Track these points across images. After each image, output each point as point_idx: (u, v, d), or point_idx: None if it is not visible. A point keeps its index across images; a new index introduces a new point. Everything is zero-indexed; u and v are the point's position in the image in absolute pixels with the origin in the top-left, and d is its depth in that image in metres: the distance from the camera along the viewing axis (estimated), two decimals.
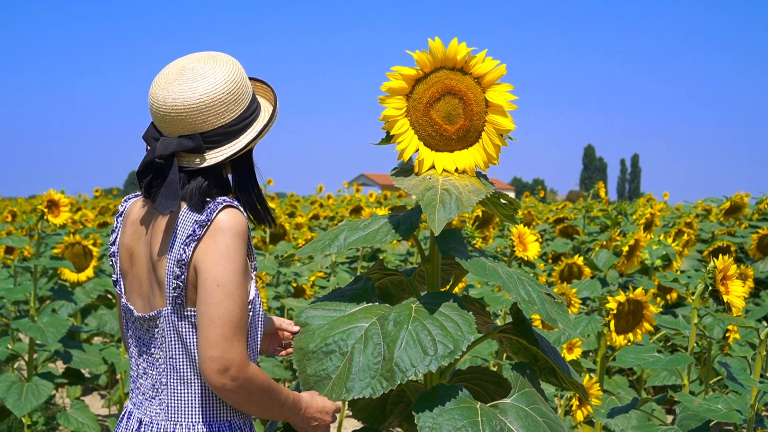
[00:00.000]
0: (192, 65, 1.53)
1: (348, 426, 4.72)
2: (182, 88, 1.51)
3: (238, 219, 1.50)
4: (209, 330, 1.44)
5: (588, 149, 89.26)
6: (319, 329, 1.65)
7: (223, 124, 1.54)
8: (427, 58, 1.67)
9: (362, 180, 53.20)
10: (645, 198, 9.96)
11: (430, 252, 1.84)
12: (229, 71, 1.55)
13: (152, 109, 1.54)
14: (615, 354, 2.93)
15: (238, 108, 1.56)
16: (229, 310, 1.45)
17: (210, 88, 1.51)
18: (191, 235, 1.48)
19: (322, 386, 1.57)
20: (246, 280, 1.51)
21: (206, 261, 1.47)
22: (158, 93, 1.52)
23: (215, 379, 1.43)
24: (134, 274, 1.62)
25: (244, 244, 1.51)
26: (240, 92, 1.56)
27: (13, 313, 4.36)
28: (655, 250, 3.83)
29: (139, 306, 1.60)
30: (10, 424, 4.37)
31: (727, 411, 2.15)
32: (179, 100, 1.50)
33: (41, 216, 3.54)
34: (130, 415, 1.63)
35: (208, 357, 1.43)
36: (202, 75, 1.52)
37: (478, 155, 1.71)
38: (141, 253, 1.60)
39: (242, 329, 1.47)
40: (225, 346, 1.43)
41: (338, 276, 4.81)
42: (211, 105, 1.51)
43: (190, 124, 1.51)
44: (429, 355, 1.53)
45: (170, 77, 1.53)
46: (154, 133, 1.57)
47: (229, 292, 1.45)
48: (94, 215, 10.10)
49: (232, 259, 1.47)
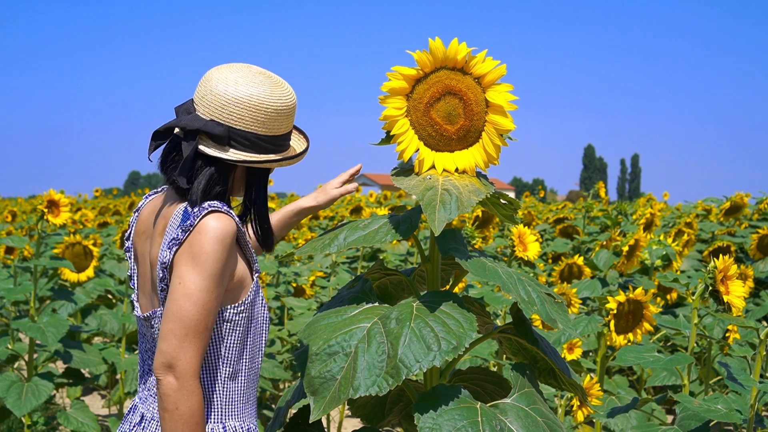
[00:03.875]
0: (267, 72, 1.60)
1: (348, 426, 4.72)
2: (244, 82, 1.55)
3: (222, 223, 1.49)
4: (163, 324, 1.45)
5: (588, 149, 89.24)
6: (320, 333, 1.65)
7: (254, 131, 1.56)
8: (428, 58, 1.67)
9: (362, 180, 53.20)
10: (645, 198, 9.95)
11: (430, 252, 1.84)
12: (287, 96, 1.60)
13: (202, 83, 1.58)
14: (615, 354, 2.93)
15: (273, 129, 1.59)
16: (183, 309, 1.44)
17: (264, 95, 1.56)
18: (174, 239, 1.49)
19: (328, 387, 1.57)
20: (219, 286, 1.48)
21: (178, 261, 1.47)
22: (217, 73, 1.56)
23: (159, 372, 1.44)
24: (141, 273, 1.64)
25: (225, 248, 1.48)
26: (283, 117, 1.60)
27: (13, 313, 4.35)
28: (655, 250, 3.83)
29: (142, 304, 1.62)
30: (10, 424, 4.37)
31: (727, 411, 2.15)
32: (231, 88, 1.54)
33: (41, 216, 3.54)
34: (134, 409, 1.65)
35: (159, 349, 1.45)
36: (275, 82, 1.58)
37: (478, 155, 1.71)
38: (146, 252, 1.62)
39: (196, 333, 1.45)
40: (173, 342, 1.44)
41: (338, 276, 4.81)
42: (254, 109, 1.54)
43: (225, 114, 1.54)
44: (433, 351, 1.54)
45: (242, 70, 1.57)
46: (189, 107, 1.60)
47: (189, 293, 1.45)
48: (94, 215, 10.10)
49: (202, 262, 1.46)
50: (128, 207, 11.80)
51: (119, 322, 4.44)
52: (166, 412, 1.44)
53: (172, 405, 1.43)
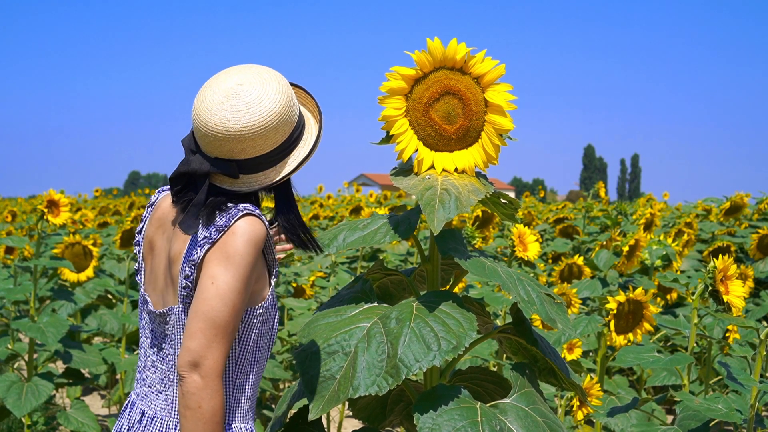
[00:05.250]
0: (239, 89, 1.50)
1: (348, 426, 4.72)
2: (226, 115, 1.49)
3: (255, 226, 1.49)
4: (192, 322, 1.45)
5: (588, 149, 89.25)
6: (320, 332, 1.65)
7: (261, 154, 1.53)
8: (427, 58, 1.67)
9: (362, 180, 53.21)
10: (645, 198, 9.96)
11: (429, 252, 1.84)
12: (274, 101, 1.51)
13: (194, 123, 1.54)
14: (615, 354, 2.93)
15: (279, 137, 1.54)
16: (215, 309, 1.44)
17: (253, 120, 1.49)
18: (207, 237, 1.48)
19: (327, 386, 1.57)
20: (247, 289, 1.49)
21: (210, 260, 1.47)
22: (202, 112, 1.51)
23: (184, 369, 1.43)
24: (153, 267, 1.63)
25: (256, 252, 1.49)
26: (282, 122, 1.53)
27: (13, 313, 4.35)
28: (655, 250, 3.83)
29: (154, 300, 1.62)
30: (10, 424, 4.38)
31: (727, 411, 2.15)
32: (220, 127, 1.49)
33: (41, 216, 3.54)
34: (133, 405, 1.64)
35: (185, 347, 1.44)
36: (247, 105, 1.49)
37: (477, 155, 1.71)
38: (161, 248, 1.61)
39: (225, 334, 1.45)
40: (202, 341, 1.43)
41: (338, 276, 4.81)
42: (251, 137, 1.50)
43: (228, 150, 1.51)
44: (432, 351, 1.54)
45: (216, 98, 1.50)
46: (192, 143, 1.57)
47: (221, 293, 1.45)
48: (94, 215, 10.10)
49: (236, 263, 1.46)
50: (128, 207, 11.81)
51: (119, 322, 4.44)
52: (188, 410, 1.43)
53: (195, 403, 1.43)
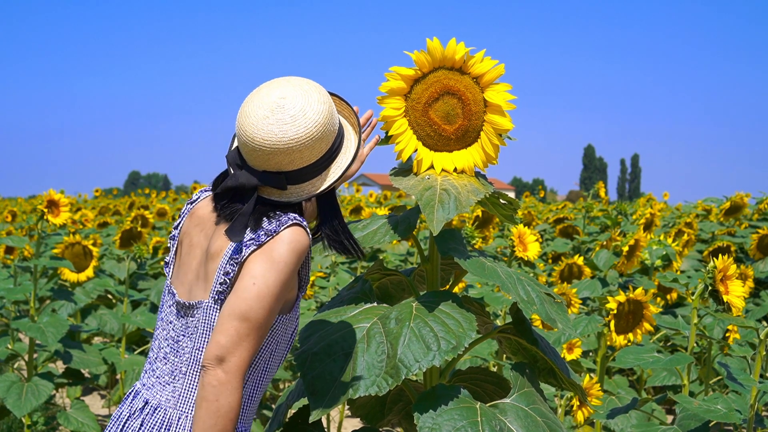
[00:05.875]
0: (283, 103, 1.52)
1: (348, 426, 4.72)
2: (273, 129, 1.51)
3: (301, 237, 1.52)
4: (226, 319, 1.46)
5: (588, 149, 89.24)
6: (320, 333, 1.65)
7: (307, 164, 1.55)
8: (426, 58, 1.67)
9: (362, 180, 53.21)
10: (645, 198, 9.96)
11: (429, 252, 1.84)
12: (317, 111, 1.54)
13: (240, 139, 1.55)
14: (615, 354, 2.93)
15: (324, 146, 1.56)
16: (253, 309, 1.46)
17: (300, 132, 1.51)
18: (254, 239, 1.51)
19: (328, 387, 1.57)
20: (283, 296, 1.51)
21: (254, 261, 1.49)
22: (247, 127, 1.52)
23: (210, 362, 1.44)
24: (185, 262, 1.65)
25: (298, 261, 1.52)
26: (326, 131, 1.55)
27: (13, 313, 4.36)
28: (655, 250, 3.83)
29: (180, 292, 1.63)
30: (10, 424, 4.38)
31: (726, 411, 2.15)
32: (268, 142, 1.51)
33: (41, 216, 3.54)
34: (137, 394, 1.64)
35: (215, 340, 1.45)
36: (292, 117, 1.51)
37: (476, 155, 1.71)
38: (198, 244, 1.63)
39: (257, 335, 1.47)
40: (233, 338, 1.45)
41: (338, 276, 4.81)
42: (299, 148, 1.52)
43: (276, 163, 1.53)
44: (432, 351, 1.54)
45: (261, 113, 1.52)
46: (237, 158, 1.58)
47: (262, 295, 1.47)
48: (94, 215, 10.10)
49: (279, 270, 1.48)
50: (128, 207, 11.80)
51: (119, 322, 4.44)
52: (205, 401, 1.44)
53: (214, 396, 1.44)
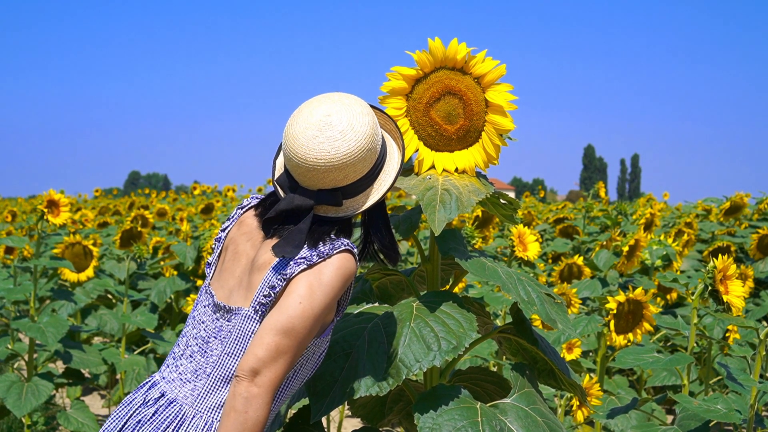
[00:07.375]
0: (329, 120, 1.53)
1: (348, 426, 4.72)
2: (324, 147, 1.51)
3: (350, 264, 1.52)
4: (267, 333, 1.46)
5: (588, 149, 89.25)
6: None
7: (361, 176, 1.56)
8: (427, 58, 1.67)
9: None
10: (645, 198, 9.95)
11: (430, 252, 1.84)
12: (364, 123, 1.55)
13: (291, 162, 1.54)
14: (615, 354, 2.93)
15: (373, 156, 1.57)
16: (295, 328, 1.46)
17: (351, 146, 1.52)
18: (306, 259, 1.50)
19: (328, 388, 1.57)
20: (323, 319, 1.51)
21: (302, 280, 1.49)
22: (299, 149, 1.52)
23: (244, 373, 1.44)
24: (228, 267, 1.64)
25: (343, 287, 1.52)
26: (374, 141, 1.56)
27: (13, 313, 4.36)
28: (655, 250, 3.83)
29: (220, 294, 1.62)
30: (10, 424, 4.38)
31: (726, 411, 2.15)
32: (322, 160, 1.51)
33: (41, 216, 3.53)
34: (154, 384, 1.62)
35: (252, 353, 1.45)
36: (342, 132, 1.52)
37: (478, 155, 1.71)
38: (244, 252, 1.62)
39: (294, 354, 1.47)
40: (272, 353, 1.44)
41: None
42: (352, 162, 1.53)
43: (331, 180, 1.53)
44: (433, 351, 1.54)
45: (310, 133, 1.52)
46: (288, 181, 1.58)
47: (306, 315, 1.46)
48: (94, 215, 10.10)
49: (326, 293, 1.49)
50: (128, 207, 11.80)
51: (119, 322, 4.43)
52: (234, 411, 1.44)
53: (243, 408, 1.44)
